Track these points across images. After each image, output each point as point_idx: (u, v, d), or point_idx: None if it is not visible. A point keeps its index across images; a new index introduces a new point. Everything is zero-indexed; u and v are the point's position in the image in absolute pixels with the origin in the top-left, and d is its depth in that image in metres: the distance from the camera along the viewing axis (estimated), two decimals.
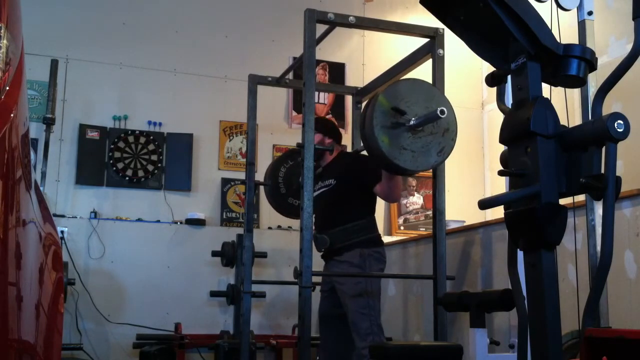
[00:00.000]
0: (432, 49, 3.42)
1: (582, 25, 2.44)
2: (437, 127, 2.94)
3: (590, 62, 1.67)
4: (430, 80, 3.44)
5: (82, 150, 5.31)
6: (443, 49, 3.40)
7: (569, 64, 1.65)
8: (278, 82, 4.43)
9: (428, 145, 2.92)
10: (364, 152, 3.23)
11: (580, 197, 2.13)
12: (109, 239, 5.19)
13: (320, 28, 3.32)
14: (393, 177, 3.38)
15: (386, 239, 4.53)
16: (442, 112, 2.80)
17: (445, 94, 3.42)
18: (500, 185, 3.25)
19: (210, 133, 5.65)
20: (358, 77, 5.93)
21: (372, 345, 2.69)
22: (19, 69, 1.30)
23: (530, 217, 1.59)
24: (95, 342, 5.00)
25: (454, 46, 2.81)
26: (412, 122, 2.87)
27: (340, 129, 6.05)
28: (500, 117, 1.74)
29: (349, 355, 3.51)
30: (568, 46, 1.66)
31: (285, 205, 4.38)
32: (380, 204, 4.56)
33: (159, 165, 5.46)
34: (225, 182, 5.62)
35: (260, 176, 4.68)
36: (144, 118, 5.50)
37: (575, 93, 2.54)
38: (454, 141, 3.05)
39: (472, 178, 6.22)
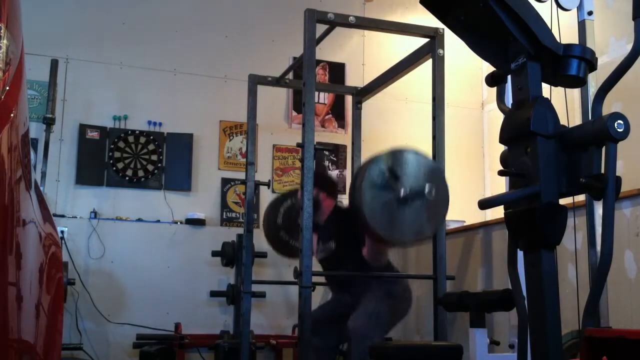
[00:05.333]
0: (432, 49, 3.42)
1: (582, 25, 2.45)
2: (423, 207, 2.88)
3: (590, 62, 1.67)
4: (430, 80, 3.44)
5: (82, 150, 5.30)
6: (443, 49, 3.40)
7: (569, 64, 1.65)
8: (278, 82, 4.43)
9: (409, 221, 2.86)
10: None
11: (580, 197, 2.13)
12: (109, 239, 5.19)
13: (320, 28, 3.32)
14: (374, 241, 3.26)
15: None
16: (429, 193, 2.79)
17: (445, 94, 3.42)
18: (500, 185, 3.25)
19: (210, 133, 5.65)
20: (358, 77, 5.92)
21: (372, 345, 2.69)
22: (19, 69, 1.30)
23: (530, 217, 1.59)
24: (95, 342, 5.00)
25: (454, 46, 2.81)
26: (401, 192, 2.83)
27: (340, 130, 6.12)
28: (500, 117, 1.73)
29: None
30: (568, 46, 1.66)
31: (277, 237, 4.21)
32: None
33: (159, 165, 5.46)
34: (225, 182, 5.62)
35: (260, 176, 4.67)
36: (144, 118, 5.49)
37: (575, 93, 2.54)
38: (434, 231, 3.05)
39: (472, 178, 6.22)
